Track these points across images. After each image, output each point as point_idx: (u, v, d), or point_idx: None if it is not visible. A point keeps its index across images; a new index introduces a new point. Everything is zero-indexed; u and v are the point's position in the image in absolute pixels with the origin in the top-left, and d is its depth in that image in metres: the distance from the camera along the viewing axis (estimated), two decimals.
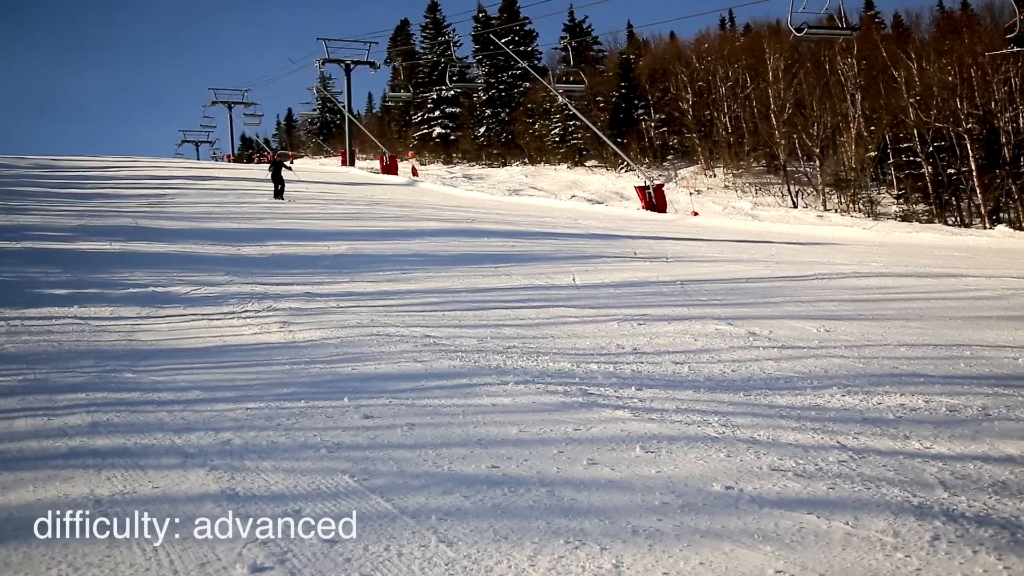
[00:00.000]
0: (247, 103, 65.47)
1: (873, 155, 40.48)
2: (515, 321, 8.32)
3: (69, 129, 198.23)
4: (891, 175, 40.59)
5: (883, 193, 40.73)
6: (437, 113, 62.58)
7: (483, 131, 58.91)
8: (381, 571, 3.20)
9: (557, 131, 52.95)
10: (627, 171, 45.28)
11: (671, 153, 51.12)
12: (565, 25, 58.43)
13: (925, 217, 36.61)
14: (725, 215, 32.36)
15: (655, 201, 29.82)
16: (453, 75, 43.40)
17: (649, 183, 31.07)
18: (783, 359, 6.53)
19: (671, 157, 50.83)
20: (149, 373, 6.35)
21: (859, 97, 40.56)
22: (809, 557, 3.24)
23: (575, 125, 50.20)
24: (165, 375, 6.28)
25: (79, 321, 8.41)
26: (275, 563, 3.25)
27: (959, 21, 43.27)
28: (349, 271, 11.83)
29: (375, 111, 78.24)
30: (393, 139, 61.63)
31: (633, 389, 5.67)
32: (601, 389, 5.69)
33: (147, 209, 20.34)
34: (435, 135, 62.10)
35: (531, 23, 58.94)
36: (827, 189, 40.98)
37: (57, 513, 3.61)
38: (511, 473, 4.15)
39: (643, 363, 6.47)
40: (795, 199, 41.18)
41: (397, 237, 16.32)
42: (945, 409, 5.12)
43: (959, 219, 36.32)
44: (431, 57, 61.81)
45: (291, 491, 3.96)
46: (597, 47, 60.11)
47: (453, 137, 61.73)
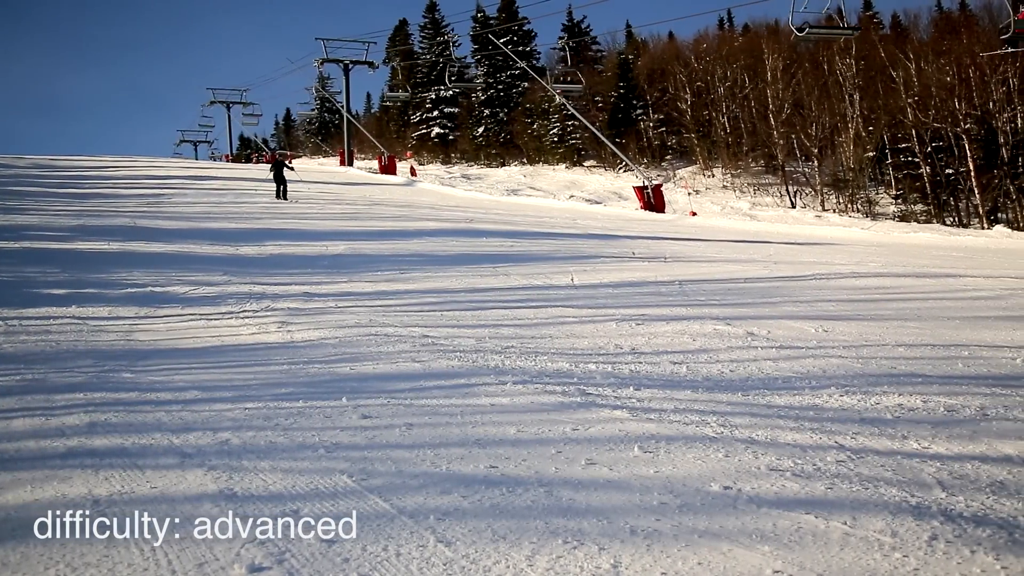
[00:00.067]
0: (245, 103, 65.54)
1: (871, 155, 40.53)
2: (513, 321, 8.32)
3: (68, 129, 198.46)
4: (889, 175, 40.63)
5: (881, 193, 40.78)
6: (435, 113, 62.60)
7: (481, 131, 58.92)
8: (379, 571, 3.20)
9: (556, 131, 52.97)
10: (625, 171, 45.31)
11: (669, 153, 51.16)
12: (564, 25, 58.60)
13: (923, 217, 36.65)
14: (723, 215, 32.37)
15: (653, 201, 29.82)
16: (452, 75, 43.38)
17: (647, 183, 31.08)
18: (781, 359, 6.53)
19: (669, 157, 50.87)
20: (147, 373, 6.34)
21: (857, 97, 40.61)
22: (807, 557, 3.24)
23: (574, 125, 50.23)
24: (163, 375, 6.27)
25: (77, 321, 8.40)
26: (273, 563, 3.25)
27: (957, 21, 43.34)
28: (347, 271, 11.82)
29: (374, 111, 78.31)
30: (392, 139, 61.63)
31: (631, 389, 5.67)
32: (599, 389, 5.69)
33: (145, 209, 20.33)
34: (433, 135, 62.12)
35: (530, 23, 59.09)
36: (825, 189, 41.03)
37: (57, 513, 3.61)
38: (509, 473, 4.16)
39: (641, 363, 6.47)
40: (793, 199, 41.23)
41: (395, 237, 16.31)
42: (943, 409, 5.13)
43: (957, 219, 36.37)
44: (430, 57, 61.83)
45: (289, 491, 3.96)
46: (596, 47, 60.26)
47: (451, 137, 61.75)
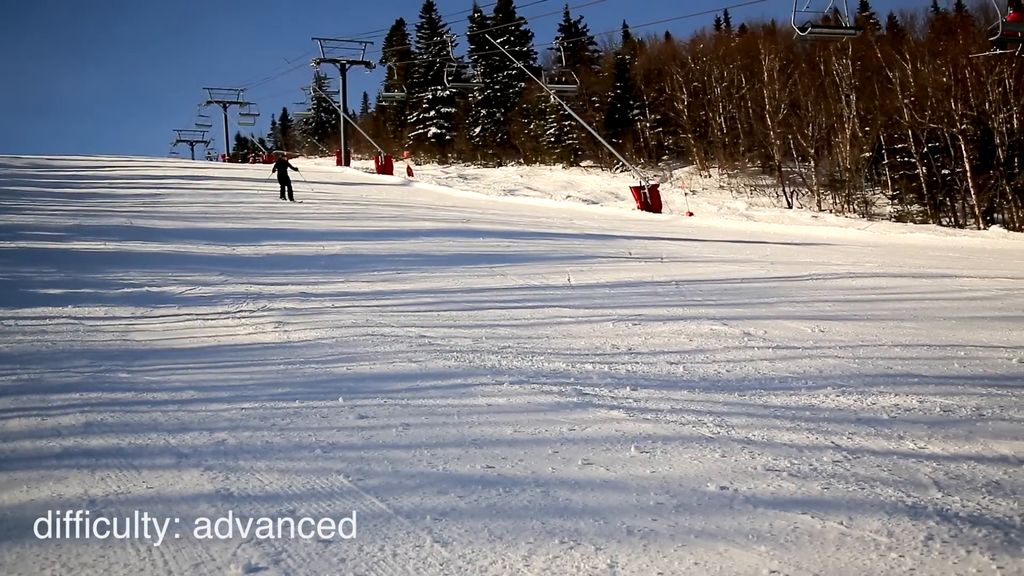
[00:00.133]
0: (242, 103, 65.39)
1: (868, 156, 40.56)
2: (510, 321, 8.32)
3: (65, 129, 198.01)
4: (886, 176, 40.70)
5: (878, 194, 40.82)
6: (432, 113, 62.56)
7: (478, 131, 58.88)
8: (376, 571, 3.20)
9: (552, 131, 52.95)
10: (622, 171, 45.31)
11: (666, 153, 51.16)
12: (560, 25, 58.65)
13: (919, 218, 36.69)
14: (720, 215, 32.40)
15: (650, 201, 29.83)
16: (450, 75, 43.37)
17: (644, 183, 31.09)
18: (778, 359, 6.53)
19: (666, 157, 50.88)
20: (143, 373, 6.34)
21: (854, 98, 40.64)
22: (803, 557, 3.24)
23: (570, 125, 50.22)
24: (159, 375, 6.27)
25: (73, 321, 8.39)
26: (270, 563, 3.25)
27: (953, 22, 43.38)
28: (344, 271, 11.81)
29: (370, 111, 78.19)
30: (388, 139, 61.55)
31: (628, 389, 5.67)
32: (596, 389, 5.69)
33: (142, 209, 20.29)
34: (430, 135, 62.07)
35: (527, 23, 59.06)
36: (822, 190, 41.07)
37: (57, 513, 3.60)
38: (506, 473, 4.16)
39: (638, 363, 6.47)
40: (790, 200, 41.26)
41: (392, 237, 16.31)
42: (939, 409, 5.14)
43: (953, 220, 36.42)
44: (426, 57, 61.78)
45: (286, 491, 3.95)
46: (592, 47, 60.26)
47: (448, 137, 61.71)
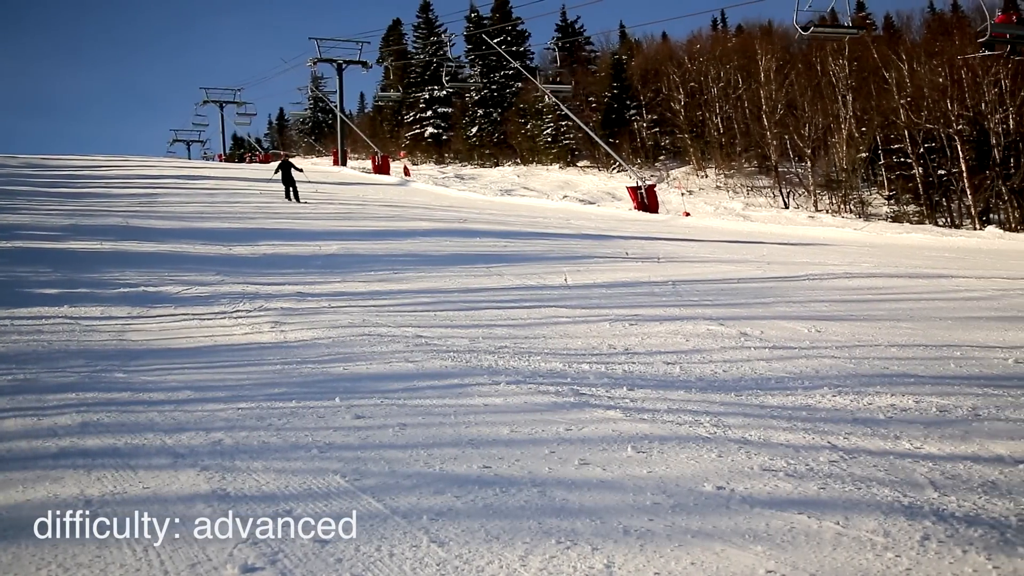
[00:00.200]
0: (239, 102, 65.29)
1: (864, 156, 40.63)
2: (507, 321, 8.32)
3: (63, 129, 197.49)
4: (882, 176, 40.76)
5: (874, 194, 40.88)
6: (429, 113, 62.55)
7: (475, 131, 58.89)
8: (372, 571, 3.20)
9: (549, 131, 52.98)
10: (619, 171, 45.34)
11: (663, 153, 51.22)
12: (557, 25, 58.59)
13: (916, 218, 36.75)
14: (717, 215, 32.43)
15: (647, 201, 29.84)
16: (447, 75, 43.36)
17: (641, 183, 31.10)
18: (774, 359, 6.54)
19: (663, 157, 50.93)
20: (140, 373, 6.33)
21: (850, 98, 40.68)
22: (800, 557, 3.24)
23: (567, 125, 50.25)
24: (156, 375, 6.26)
25: (69, 321, 8.38)
26: (266, 563, 3.24)
27: (950, 23, 43.44)
28: (341, 271, 11.81)
29: (367, 111, 78.19)
30: (385, 139, 61.53)
31: (625, 389, 5.67)
32: (593, 389, 5.69)
33: (138, 208, 20.26)
34: (427, 135, 62.06)
35: (523, 23, 59.08)
36: (818, 190, 41.11)
37: (58, 513, 3.60)
38: (503, 473, 4.15)
39: (635, 363, 6.48)
40: (786, 200, 41.31)
41: (389, 237, 16.30)
42: (935, 409, 5.14)
43: (949, 220, 36.48)
44: (423, 57, 61.77)
45: (282, 491, 3.95)
46: (589, 47, 60.33)
47: (445, 137, 61.70)
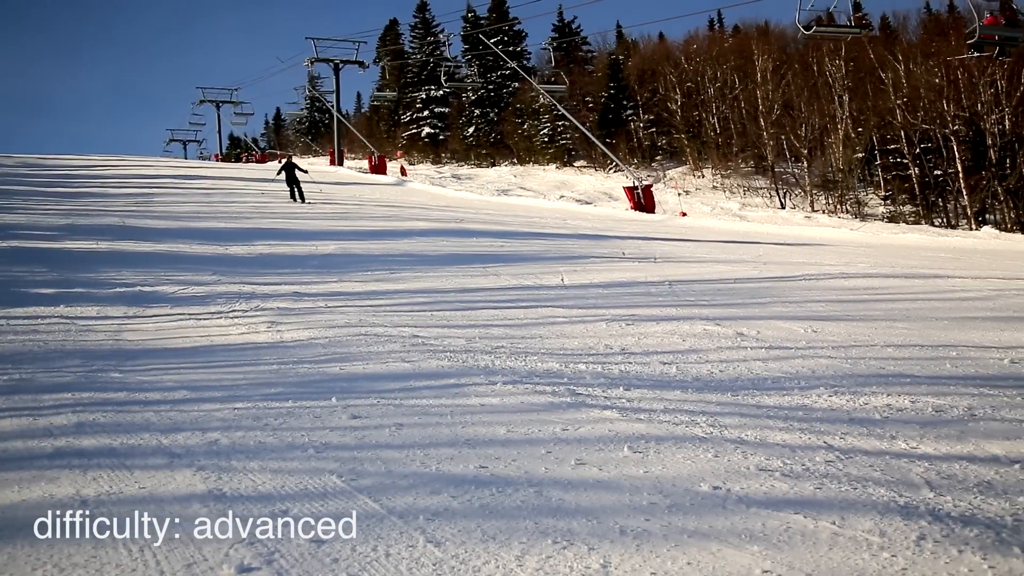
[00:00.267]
0: (236, 102, 65.21)
1: (860, 156, 40.63)
2: (503, 321, 8.32)
3: (61, 129, 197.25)
4: (878, 176, 40.76)
5: (870, 194, 40.88)
6: (426, 113, 62.49)
7: (472, 131, 58.85)
8: (369, 571, 3.19)
9: (546, 131, 52.94)
10: (616, 171, 45.34)
11: (660, 154, 51.20)
12: (554, 25, 58.51)
13: (912, 218, 36.76)
14: (713, 216, 32.42)
15: (643, 202, 29.84)
16: (445, 74, 43.34)
17: (638, 183, 31.09)
18: (771, 359, 6.54)
19: (660, 158, 50.92)
20: (136, 373, 6.32)
21: (847, 99, 40.69)
22: (796, 557, 3.25)
23: (564, 125, 50.23)
24: (152, 375, 6.25)
25: (65, 320, 8.36)
26: (262, 563, 3.24)
27: (946, 23, 43.47)
28: (337, 271, 11.80)
29: (364, 111, 78.10)
30: (382, 139, 61.48)
31: (621, 389, 5.68)
32: (589, 389, 5.70)
33: (134, 208, 20.23)
34: (424, 135, 62.00)
35: (520, 23, 59.03)
36: (815, 190, 41.12)
37: (57, 513, 3.60)
38: (499, 473, 4.16)
39: (631, 363, 6.48)
40: (783, 200, 41.32)
41: (385, 237, 16.29)
42: (931, 409, 5.15)
43: (945, 220, 36.50)
44: (420, 57, 61.74)
45: (278, 491, 3.95)
46: (586, 47, 60.24)
47: (442, 137, 61.65)
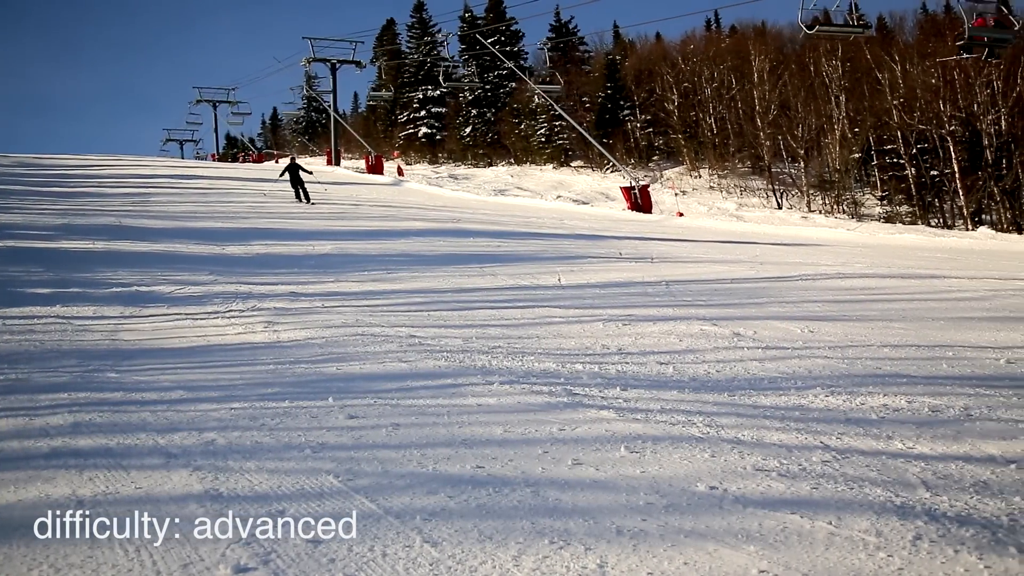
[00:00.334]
0: (233, 102, 65.13)
1: (857, 157, 40.68)
2: (500, 321, 8.32)
3: (58, 129, 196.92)
4: (875, 177, 40.82)
5: (867, 195, 40.95)
6: (423, 113, 62.48)
7: (469, 131, 58.84)
8: (365, 571, 3.19)
9: (543, 131, 52.96)
10: (613, 172, 45.37)
11: (657, 154, 51.24)
12: (551, 25, 58.55)
13: (908, 219, 36.82)
14: (710, 216, 32.43)
15: (640, 202, 29.86)
16: (444, 74, 43.34)
17: (635, 184, 31.12)
18: (767, 360, 6.55)
19: (657, 158, 50.95)
20: (132, 373, 6.31)
21: (843, 99, 40.76)
22: (792, 557, 3.25)
23: (561, 125, 50.23)
24: (148, 375, 6.24)
25: (61, 320, 8.35)
26: (259, 563, 3.24)
27: (942, 24, 43.53)
28: (334, 271, 11.79)
29: (361, 110, 78.05)
30: (379, 139, 61.43)
31: (618, 389, 5.68)
32: (586, 389, 5.70)
33: (131, 208, 20.19)
34: (421, 135, 61.99)
35: (517, 23, 59.01)
36: (811, 190, 41.19)
37: (58, 514, 3.59)
38: (496, 473, 4.16)
39: (628, 363, 6.48)
40: (780, 200, 41.37)
41: (382, 237, 16.28)
42: (927, 409, 5.16)
43: (942, 221, 36.56)
44: (417, 57, 61.71)
45: (275, 491, 3.94)
46: (583, 47, 60.27)
47: (439, 137, 61.65)
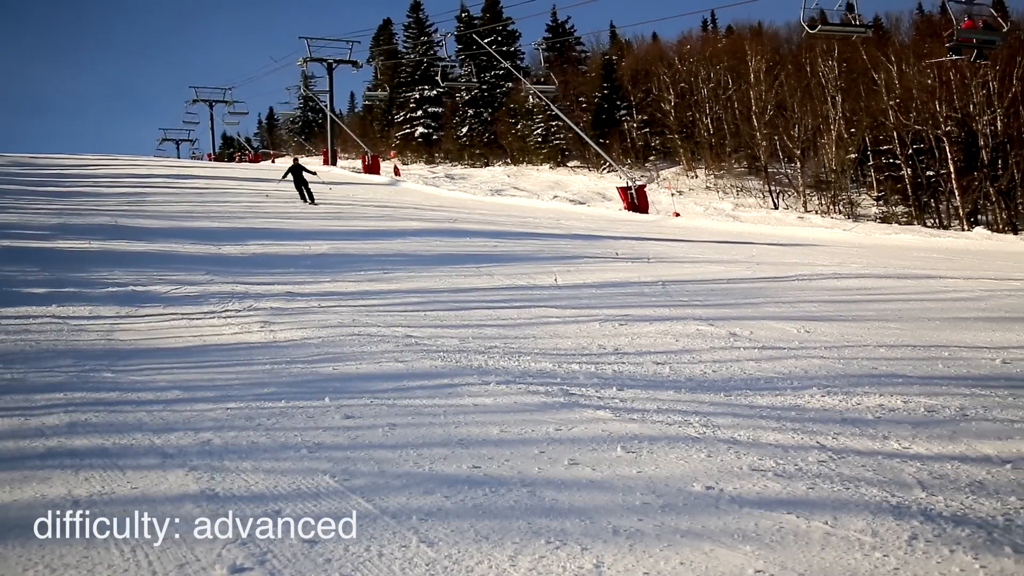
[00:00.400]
0: (229, 101, 64.98)
1: (853, 157, 40.75)
2: (497, 321, 8.32)
3: (56, 128, 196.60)
4: (871, 177, 40.90)
5: (863, 195, 41.02)
6: (419, 113, 62.44)
7: (465, 131, 58.81)
8: (362, 571, 3.19)
9: (539, 131, 52.94)
10: (609, 172, 45.36)
11: (653, 154, 51.25)
12: (548, 26, 58.58)
13: (904, 219, 36.88)
14: (707, 216, 32.47)
15: (637, 202, 29.86)
16: (443, 74, 43.33)
17: (631, 184, 31.11)
18: (763, 360, 6.55)
19: (653, 158, 50.97)
20: (128, 373, 6.30)
21: (840, 99, 40.80)
22: (788, 557, 3.25)
23: (557, 125, 50.23)
24: (144, 375, 6.24)
25: (57, 320, 8.34)
26: (255, 564, 3.24)
27: (938, 24, 43.58)
28: (331, 271, 11.78)
29: (357, 110, 77.97)
30: (375, 138, 61.37)
31: (614, 389, 5.68)
32: (582, 389, 5.70)
33: (127, 208, 20.15)
34: (417, 135, 61.95)
35: (514, 23, 59.02)
36: (808, 191, 41.24)
37: (58, 514, 3.59)
38: (492, 473, 4.16)
39: (624, 363, 6.48)
40: (776, 200, 41.41)
41: (379, 237, 16.27)
42: (923, 409, 5.16)
43: (938, 221, 36.64)
44: (414, 57, 61.68)
45: (271, 491, 3.94)
46: (580, 47, 60.26)
47: (435, 137, 61.61)
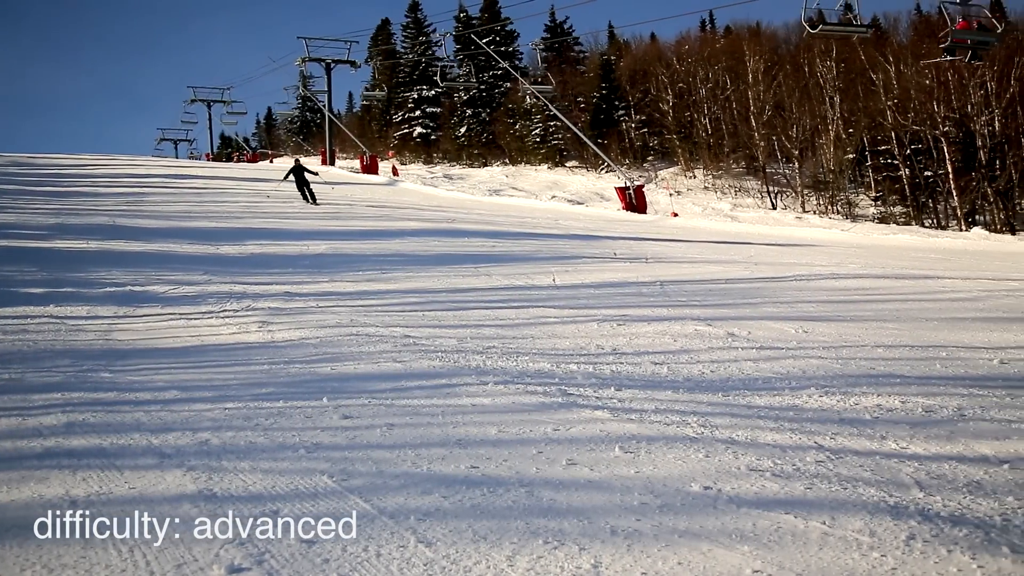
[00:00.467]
0: (227, 101, 64.94)
1: (851, 157, 40.76)
2: (495, 321, 8.32)
3: (54, 128, 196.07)
4: (869, 177, 40.92)
5: (861, 195, 41.03)
6: (418, 113, 62.41)
7: (464, 131, 58.78)
8: (360, 572, 3.19)
9: (538, 132, 52.93)
10: (607, 172, 45.36)
11: (651, 154, 51.26)
12: (546, 26, 58.56)
13: (902, 219, 36.89)
14: (705, 216, 32.48)
15: (635, 202, 29.87)
16: (442, 74, 43.32)
17: (629, 184, 31.12)
18: (761, 360, 6.56)
19: (651, 158, 50.98)
20: (126, 373, 6.30)
21: (838, 100, 40.80)
22: (786, 557, 3.26)
23: (556, 126, 50.24)
24: (142, 375, 6.23)
25: (55, 320, 8.33)
26: (253, 564, 3.23)
27: (936, 25, 43.61)
28: (329, 271, 11.78)
29: (355, 110, 77.95)
30: (374, 139, 61.37)
31: (612, 389, 5.68)
32: (581, 389, 5.70)
33: (125, 208, 20.14)
34: (416, 135, 61.93)
35: (512, 23, 59.00)
36: (806, 191, 41.25)
37: (58, 513, 3.58)
38: (490, 473, 4.16)
39: (622, 363, 6.49)
40: (774, 201, 41.41)
41: (377, 237, 16.27)
42: (921, 410, 5.17)
43: (936, 221, 36.65)
44: (412, 57, 61.67)
45: (269, 492, 3.94)
46: (578, 48, 60.24)
47: (434, 137, 61.58)
